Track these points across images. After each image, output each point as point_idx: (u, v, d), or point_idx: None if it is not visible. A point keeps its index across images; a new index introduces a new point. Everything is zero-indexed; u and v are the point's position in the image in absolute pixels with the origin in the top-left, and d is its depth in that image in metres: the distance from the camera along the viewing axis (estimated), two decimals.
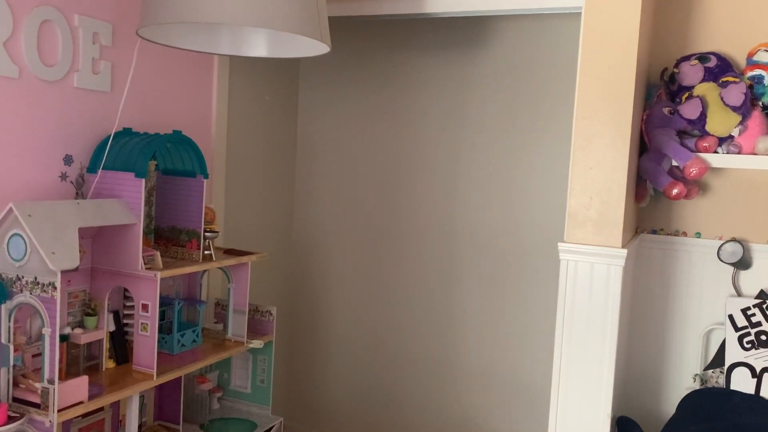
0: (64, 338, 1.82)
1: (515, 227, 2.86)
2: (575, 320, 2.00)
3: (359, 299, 3.20)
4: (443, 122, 2.98)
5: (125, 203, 1.91)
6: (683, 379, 2.39)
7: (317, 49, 1.94)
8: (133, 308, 1.96)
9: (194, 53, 2.37)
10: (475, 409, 2.99)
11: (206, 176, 2.14)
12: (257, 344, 2.32)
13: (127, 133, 2.06)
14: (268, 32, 2.08)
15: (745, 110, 2.10)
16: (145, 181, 1.91)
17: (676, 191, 2.11)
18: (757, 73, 2.14)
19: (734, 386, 2.22)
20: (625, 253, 1.93)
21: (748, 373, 2.21)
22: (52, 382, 1.62)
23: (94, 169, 1.98)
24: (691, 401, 2.23)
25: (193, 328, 2.22)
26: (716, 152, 2.15)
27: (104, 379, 1.89)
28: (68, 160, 1.96)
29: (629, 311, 2.36)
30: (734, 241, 2.28)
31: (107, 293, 1.94)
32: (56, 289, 1.62)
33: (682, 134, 2.21)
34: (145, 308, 1.91)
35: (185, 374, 2.13)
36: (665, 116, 2.19)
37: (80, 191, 2.00)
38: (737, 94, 2.10)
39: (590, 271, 1.97)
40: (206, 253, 2.15)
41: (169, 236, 2.17)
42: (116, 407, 2.08)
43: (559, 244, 2.01)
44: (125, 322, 2.04)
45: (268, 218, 3.12)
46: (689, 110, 2.16)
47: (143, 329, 1.92)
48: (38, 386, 1.63)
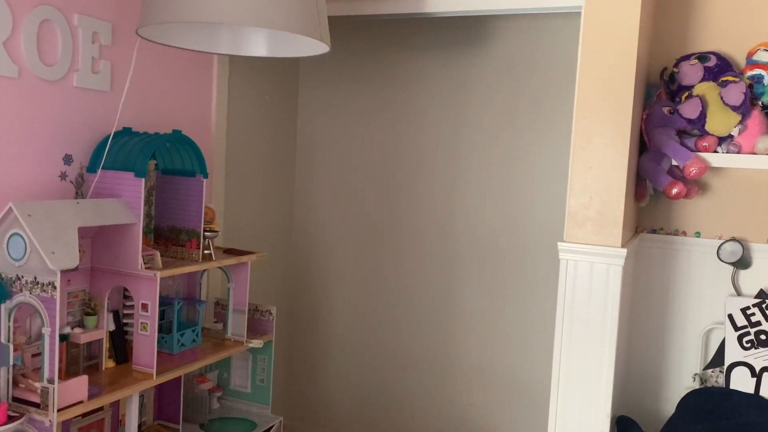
0: (63, 338, 1.82)
1: (515, 227, 2.86)
2: (575, 320, 2.00)
3: (359, 298, 3.20)
4: (443, 122, 2.98)
5: (125, 203, 1.91)
6: (683, 378, 2.39)
7: (317, 48, 1.94)
8: (132, 308, 1.96)
9: (194, 53, 2.37)
10: (475, 408, 2.99)
11: (206, 176, 2.14)
12: (257, 344, 2.32)
13: (126, 132, 2.05)
14: (267, 32, 2.08)
15: (744, 110, 2.10)
16: (144, 180, 1.91)
17: (675, 191, 2.11)
18: (756, 72, 2.15)
19: (734, 386, 2.22)
20: (624, 252, 1.93)
21: (747, 372, 2.21)
22: (51, 381, 1.62)
23: (93, 168, 1.98)
24: (690, 401, 2.23)
25: (192, 327, 2.22)
26: (716, 152, 2.15)
27: (104, 378, 1.89)
28: (68, 159, 1.96)
29: (629, 311, 2.36)
30: (734, 240, 2.28)
31: (107, 293, 1.94)
32: (56, 288, 1.62)
33: (681, 134, 2.21)
34: (144, 308, 1.91)
35: (185, 374, 2.13)
36: (665, 116, 2.19)
37: (80, 191, 2.00)
38: (737, 93, 2.10)
39: (590, 270, 1.97)
40: (206, 252, 2.15)
41: (168, 236, 2.17)
42: (116, 407, 2.08)
43: (558, 243, 2.01)
44: (125, 321, 2.04)
45: (267, 218, 3.12)
46: (689, 110, 2.16)
47: (143, 329, 1.92)
48: (38, 386, 1.63)
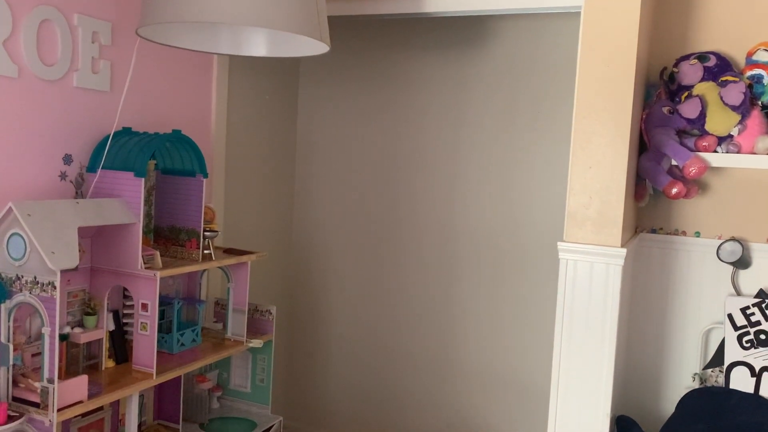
0: (63, 337, 1.81)
1: (515, 226, 2.86)
2: (575, 319, 2.00)
3: (359, 298, 3.20)
4: (443, 121, 2.98)
5: (125, 203, 1.91)
6: (682, 378, 2.40)
7: (317, 48, 1.94)
8: (132, 307, 1.96)
9: (194, 52, 2.36)
10: (474, 408, 2.99)
11: (206, 175, 2.14)
12: (257, 343, 2.32)
13: (126, 132, 2.05)
14: (267, 32, 2.08)
15: (744, 109, 2.10)
16: (144, 180, 1.91)
17: (675, 190, 2.11)
18: (756, 72, 2.15)
19: (733, 385, 2.22)
20: (624, 252, 1.93)
21: (747, 372, 2.21)
22: (51, 381, 1.62)
23: (93, 168, 1.98)
24: (690, 400, 2.23)
25: (192, 327, 2.22)
26: (715, 151, 2.15)
27: (104, 378, 1.89)
28: (68, 159, 1.96)
29: (628, 310, 2.36)
30: (733, 240, 2.28)
31: (107, 292, 1.94)
32: (56, 288, 1.62)
33: (681, 133, 2.21)
34: (144, 307, 1.91)
35: (185, 373, 2.13)
36: (665, 115, 2.19)
37: (80, 191, 2.00)
38: (737, 93, 2.10)
39: (590, 270, 1.97)
40: (206, 252, 2.15)
41: (168, 236, 2.17)
42: (116, 406, 2.08)
43: (558, 243, 2.01)
44: (125, 321, 2.04)
45: (267, 217, 3.12)
46: (689, 109, 2.16)
47: (143, 328, 1.92)
48: (38, 385, 1.63)
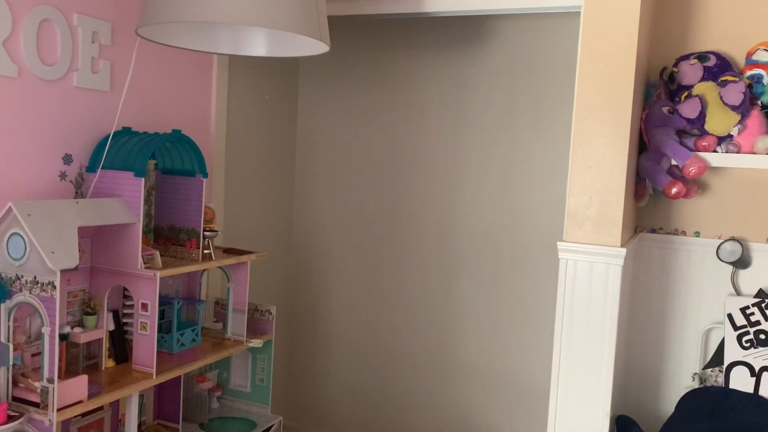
0: (63, 337, 1.81)
1: (515, 226, 2.86)
2: (574, 319, 2.00)
3: (359, 298, 3.20)
4: (442, 121, 2.98)
5: (124, 202, 1.91)
6: (682, 378, 2.40)
7: (317, 48, 1.94)
8: (132, 307, 1.96)
9: (194, 52, 2.36)
10: (474, 408, 2.99)
11: (205, 175, 2.14)
12: (257, 343, 2.32)
13: (126, 132, 2.05)
14: (267, 31, 2.08)
15: (744, 109, 2.10)
16: (144, 180, 1.91)
17: (675, 190, 2.11)
18: (756, 72, 2.15)
19: (733, 385, 2.22)
20: (624, 252, 1.93)
21: (746, 372, 2.21)
22: (51, 381, 1.62)
23: (93, 168, 1.98)
24: (690, 400, 2.23)
25: (192, 327, 2.22)
26: (715, 151, 2.15)
27: (104, 378, 1.89)
28: (67, 159, 1.96)
29: (628, 310, 2.36)
30: (733, 240, 2.28)
31: (107, 292, 1.94)
32: (56, 288, 1.62)
33: (681, 133, 2.21)
34: (144, 307, 1.91)
35: (185, 373, 2.13)
36: (664, 115, 2.19)
37: (79, 190, 2.00)
38: (736, 93, 2.10)
39: (589, 270, 1.97)
40: (206, 252, 2.15)
41: (168, 235, 2.17)
42: (116, 406, 2.08)
43: (558, 243, 2.01)
44: (125, 321, 2.04)
45: (267, 217, 3.12)
46: (688, 109, 2.16)
47: (143, 328, 1.92)
48: (38, 385, 1.64)
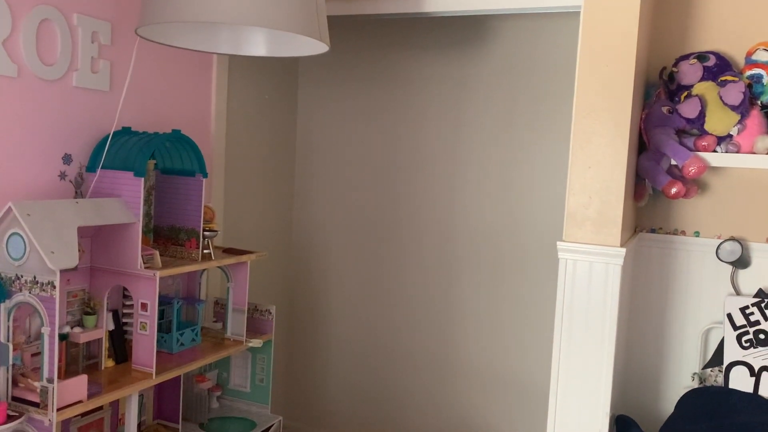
0: (63, 337, 1.81)
1: (514, 226, 2.86)
2: (574, 319, 2.00)
3: (358, 298, 3.20)
4: (442, 121, 2.98)
5: (124, 202, 1.91)
6: (682, 377, 2.40)
7: (316, 48, 1.94)
8: (132, 307, 1.96)
9: (193, 52, 2.37)
10: (474, 408, 2.99)
11: (205, 175, 2.14)
12: (256, 343, 2.32)
13: (126, 132, 2.06)
14: (267, 31, 2.08)
15: (743, 109, 2.10)
16: (144, 180, 1.91)
17: (674, 190, 2.11)
18: (755, 72, 2.15)
19: (733, 385, 2.22)
20: (623, 252, 1.93)
21: (746, 371, 2.21)
22: (51, 381, 1.62)
23: (93, 168, 1.98)
24: (689, 400, 2.23)
25: (192, 327, 2.22)
26: (715, 151, 2.15)
27: (103, 378, 1.89)
28: (67, 159, 1.96)
29: (628, 310, 2.36)
30: (733, 240, 2.28)
31: (106, 292, 1.94)
32: (55, 288, 1.62)
33: (681, 133, 2.21)
34: (144, 307, 1.91)
35: (184, 373, 2.13)
36: (664, 115, 2.19)
37: (79, 190, 2.00)
38: (736, 93, 2.10)
39: (589, 270, 1.97)
40: (205, 252, 2.15)
41: (168, 235, 2.17)
42: (115, 406, 2.08)
43: (557, 243, 2.01)
44: (124, 321, 2.04)
45: (267, 217, 3.12)
46: (688, 109, 2.16)
47: (142, 328, 1.92)
48: (37, 385, 1.64)
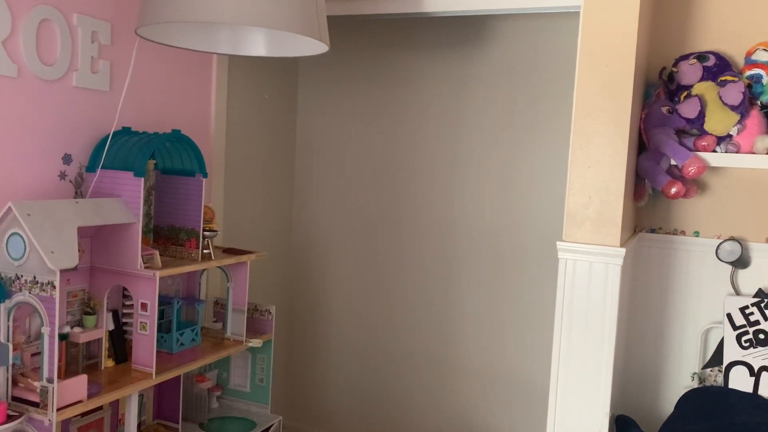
0: (63, 337, 1.82)
1: (514, 226, 2.86)
2: (574, 319, 2.00)
3: (358, 298, 3.20)
4: (442, 121, 2.98)
5: (124, 202, 1.91)
6: (682, 377, 2.40)
7: (316, 48, 1.94)
8: (132, 307, 1.96)
9: (193, 52, 2.37)
10: (474, 408, 2.99)
11: (205, 175, 2.14)
12: (256, 343, 2.32)
13: (126, 132, 2.06)
14: (267, 31, 2.08)
15: (743, 109, 2.10)
16: (144, 180, 1.91)
17: (674, 190, 2.11)
18: (755, 72, 2.15)
19: (732, 385, 2.22)
20: (623, 252, 1.93)
21: (746, 371, 2.21)
22: (51, 381, 1.62)
23: (93, 168, 1.98)
24: (689, 400, 2.23)
25: (192, 327, 2.22)
26: (715, 151, 2.15)
27: (103, 377, 1.89)
28: (67, 159, 1.96)
29: (628, 310, 2.36)
30: (733, 240, 2.28)
31: (106, 292, 1.94)
32: (55, 288, 1.62)
33: (680, 133, 2.21)
34: (144, 307, 1.91)
35: (184, 373, 2.13)
36: (664, 115, 2.19)
37: (79, 190, 2.00)
38: (736, 93, 2.10)
39: (589, 270, 1.97)
40: (205, 252, 2.15)
41: (168, 235, 2.17)
42: (115, 406, 2.08)
43: (557, 243, 2.01)
44: (124, 321, 2.04)
45: (267, 217, 3.12)
46: (688, 109, 2.16)
47: (142, 328, 1.92)
48: (37, 385, 1.64)
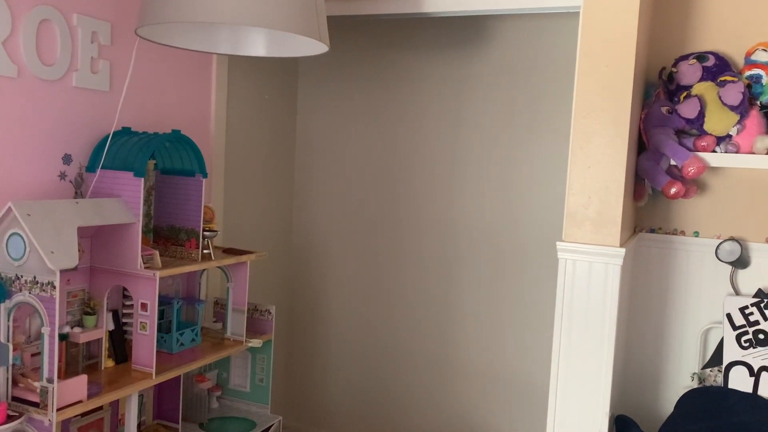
0: (63, 337, 1.82)
1: (514, 226, 2.87)
2: (574, 319, 2.00)
3: (358, 298, 3.20)
4: (442, 121, 2.98)
5: (124, 202, 1.91)
6: (681, 377, 2.40)
7: (316, 48, 1.94)
8: (132, 307, 1.96)
9: (193, 52, 2.37)
10: (474, 408, 2.99)
11: (205, 175, 2.14)
12: (256, 343, 2.32)
13: (126, 132, 2.06)
14: (266, 31, 2.08)
15: (743, 109, 2.11)
16: (144, 180, 1.91)
17: (674, 190, 2.12)
18: (755, 72, 2.15)
19: (732, 385, 2.22)
20: (623, 252, 1.94)
21: (745, 371, 2.21)
22: (51, 381, 1.62)
23: (93, 168, 1.98)
24: (689, 400, 2.23)
25: (192, 327, 2.22)
26: (714, 151, 2.15)
27: (103, 378, 1.89)
28: (67, 159, 1.96)
29: (627, 310, 2.36)
30: (732, 240, 2.28)
31: (106, 292, 1.94)
32: (55, 288, 1.62)
33: (680, 133, 2.21)
34: (144, 307, 1.91)
35: (184, 373, 2.13)
36: (663, 115, 2.20)
37: (79, 190, 2.00)
38: (735, 93, 2.10)
39: (588, 270, 1.97)
40: (205, 252, 2.15)
41: (168, 235, 2.17)
42: (115, 406, 2.08)
43: (557, 243, 2.02)
44: (124, 321, 2.04)
45: (267, 217, 3.12)
46: (687, 109, 2.17)
47: (142, 328, 1.92)
48: (37, 385, 1.64)
